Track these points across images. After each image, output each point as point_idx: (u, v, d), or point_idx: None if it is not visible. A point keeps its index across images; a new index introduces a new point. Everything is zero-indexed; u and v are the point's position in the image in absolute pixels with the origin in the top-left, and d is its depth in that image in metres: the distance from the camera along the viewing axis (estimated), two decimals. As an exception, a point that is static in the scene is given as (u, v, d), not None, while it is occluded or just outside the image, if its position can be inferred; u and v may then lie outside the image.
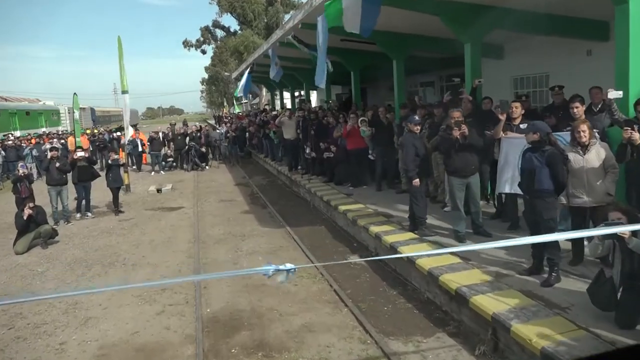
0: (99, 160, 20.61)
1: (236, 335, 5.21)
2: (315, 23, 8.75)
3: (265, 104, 33.78)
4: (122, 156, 14.78)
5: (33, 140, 21.30)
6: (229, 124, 23.54)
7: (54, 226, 9.86)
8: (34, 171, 17.74)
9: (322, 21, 8.42)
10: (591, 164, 4.91)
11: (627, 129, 4.86)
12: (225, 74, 46.74)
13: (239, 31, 48.81)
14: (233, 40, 46.33)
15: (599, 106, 6.37)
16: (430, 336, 4.87)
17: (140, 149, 19.36)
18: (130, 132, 16.77)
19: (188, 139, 19.49)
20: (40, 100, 38.56)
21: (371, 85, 19.56)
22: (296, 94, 25.47)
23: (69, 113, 32.38)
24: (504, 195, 6.84)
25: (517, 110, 6.46)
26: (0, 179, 18.07)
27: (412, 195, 6.92)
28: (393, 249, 6.57)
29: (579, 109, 5.60)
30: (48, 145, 15.43)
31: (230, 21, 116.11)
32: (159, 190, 14.43)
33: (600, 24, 8.85)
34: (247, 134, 22.24)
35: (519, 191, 5.40)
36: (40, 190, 11.51)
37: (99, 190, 12.55)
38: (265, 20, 46.21)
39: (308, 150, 12.49)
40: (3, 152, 19.04)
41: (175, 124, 20.78)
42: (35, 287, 7.11)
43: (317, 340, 4.97)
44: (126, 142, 16.27)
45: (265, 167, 18.39)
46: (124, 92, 15.58)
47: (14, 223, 9.02)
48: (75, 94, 15.35)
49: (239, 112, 36.56)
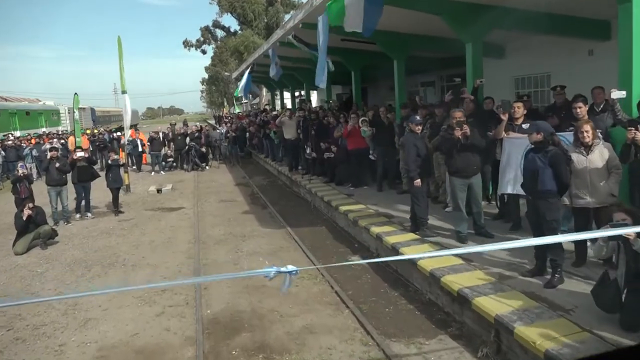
0: (98, 161, 20.59)
1: (237, 337, 5.18)
2: (315, 23, 8.73)
3: (266, 104, 33.75)
4: (122, 156, 14.74)
5: (33, 141, 21.27)
6: (229, 124, 23.50)
7: (54, 227, 9.82)
8: (34, 171, 17.70)
9: (323, 21, 8.39)
10: (594, 165, 4.87)
11: (631, 129, 4.83)
12: (226, 74, 46.72)
13: (239, 31, 48.80)
14: (233, 40, 46.32)
15: (601, 106, 6.35)
16: (433, 338, 4.84)
17: (140, 149, 19.34)
18: (129, 132, 16.69)
19: (188, 139, 19.45)
20: (40, 100, 38.51)
21: (371, 85, 19.51)
22: (296, 94, 25.42)
23: (69, 113, 32.34)
24: (506, 196, 6.80)
25: (520, 110, 6.43)
26: (0, 179, 18.03)
27: (414, 196, 6.88)
28: (394, 249, 6.53)
29: (582, 109, 5.56)
30: (48, 146, 15.39)
31: (231, 21, 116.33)
32: (159, 191, 14.39)
33: (601, 24, 8.81)
34: (248, 134, 22.20)
35: (521, 192, 5.36)
36: (40, 190, 11.47)
37: (99, 191, 12.50)
38: (266, 20, 46.21)
39: (309, 151, 12.45)
40: (3, 152, 19.00)
41: (175, 124, 20.74)
42: (35, 288, 7.07)
43: (319, 342, 4.93)
44: (126, 142, 16.23)
45: (266, 167, 18.36)
46: (124, 92, 15.53)
47: (14, 223, 8.99)
48: (76, 94, 15.33)
49: (238, 112, 36.53)
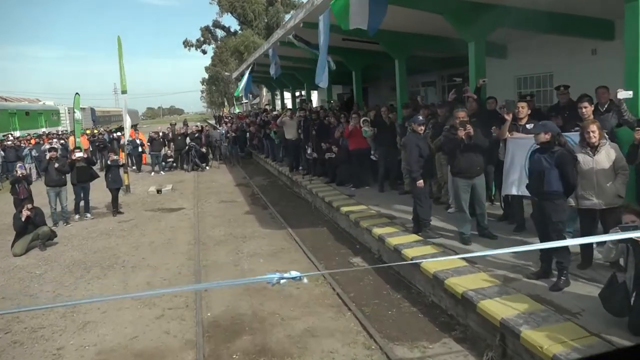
0: (98, 161, 20.52)
1: (237, 340, 5.10)
2: (316, 22, 8.65)
3: (266, 104, 33.70)
4: (122, 157, 14.66)
5: (32, 141, 21.18)
6: (229, 124, 23.43)
7: (53, 227, 9.74)
8: (33, 172, 17.62)
9: (324, 20, 8.31)
10: (601, 165, 4.79)
11: (639, 130, 4.75)
12: (226, 74, 46.64)
13: (240, 31, 48.72)
14: (233, 40, 46.24)
15: (606, 106, 6.28)
16: (437, 341, 4.76)
17: (140, 149, 19.26)
18: (129, 133, 16.62)
19: (188, 139, 19.38)
20: (40, 101, 38.43)
21: (372, 85, 19.43)
22: (297, 93, 25.34)
23: (69, 113, 32.25)
24: (510, 197, 6.72)
25: (524, 110, 6.35)
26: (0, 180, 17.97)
27: (416, 197, 6.80)
28: (397, 251, 6.46)
29: (587, 109, 5.48)
30: (47, 146, 15.31)
31: (231, 21, 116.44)
32: (159, 191, 14.31)
33: (605, 23, 8.74)
34: (248, 134, 22.12)
35: (526, 193, 5.29)
36: (39, 191, 11.41)
37: (99, 191, 12.43)
38: (266, 20, 46.14)
39: (309, 151, 12.37)
40: (2, 153, 18.92)
41: (175, 124, 20.67)
42: (33, 290, 6.99)
43: (321, 345, 4.85)
44: (126, 143, 16.15)
45: (266, 168, 18.28)
46: (124, 92, 15.45)
47: (12, 224, 8.92)
48: (77, 94, 15.16)
49: (239, 112, 36.46)
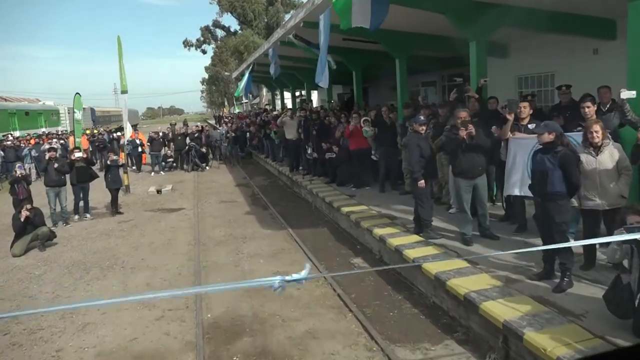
0: (98, 161, 20.46)
1: (238, 341, 5.06)
2: (317, 22, 8.61)
3: (266, 104, 33.66)
4: (122, 157, 14.61)
5: (32, 141, 21.14)
6: (229, 124, 23.38)
7: (52, 228, 9.71)
8: (33, 172, 17.59)
9: (324, 19, 8.28)
10: (604, 166, 4.75)
11: (643, 130, 4.72)
12: (226, 73, 46.61)
13: (239, 31, 48.68)
14: (233, 40, 46.21)
15: (608, 106, 6.25)
16: (439, 343, 4.72)
17: (139, 149, 19.22)
18: (129, 133, 16.58)
19: (188, 139, 19.34)
20: (39, 100, 38.37)
21: (372, 85, 19.40)
22: (297, 93, 25.30)
23: (68, 113, 32.16)
24: (511, 197, 6.68)
25: (526, 110, 6.30)
26: (-1, 180, 17.94)
27: (417, 197, 6.76)
28: (398, 252, 6.42)
29: (590, 109, 5.44)
30: (47, 146, 15.26)
31: (231, 21, 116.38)
32: (158, 191, 14.27)
33: (607, 22, 8.70)
34: (248, 134, 22.08)
35: (529, 194, 5.24)
36: (39, 191, 11.37)
37: (99, 191, 12.38)
38: (266, 20, 46.10)
39: (310, 151, 12.33)
40: (2, 153, 18.88)
41: (175, 124, 20.63)
42: (32, 291, 6.95)
43: (322, 347, 4.81)
44: (125, 143, 16.10)
45: (266, 168, 18.24)
46: (124, 92, 15.41)
47: (11, 225, 8.88)
48: (77, 93, 15.06)
49: (238, 112, 36.41)
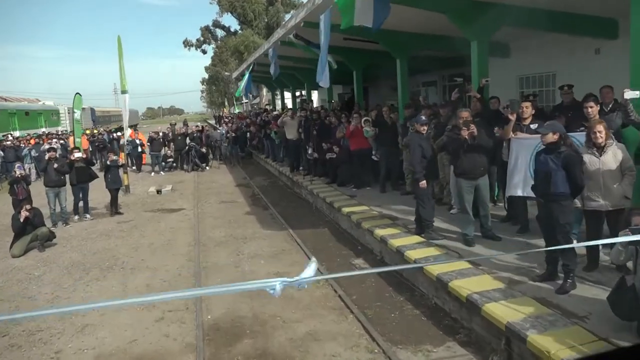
0: (98, 161, 20.43)
1: (238, 343, 5.02)
2: (317, 22, 8.57)
3: (266, 104, 33.62)
4: (122, 157, 14.57)
5: (32, 141, 21.10)
6: (229, 124, 23.34)
7: (52, 228, 9.68)
8: (33, 172, 17.55)
9: (325, 19, 8.24)
10: (608, 166, 4.71)
11: (646, 130, 4.68)
12: (226, 73, 46.57)
13: (239, 31, 48.64)
14: (233, 40, 46.15)
15: (610, 106, 6.21)
16: (440, 345, 4.68)
17: (139, 149, 19.18)
18: (128, 133, 16.52)
19: (188, 139, 19.30)
20: (40, 100, 38.33)
21: (372, 85, 19.35)
22: (297, 93, 25.26)
23: (68, 113, 32.11)
24: (513, 198, 6.63)
25: (528, 110, 6.26)
26: (-1, 180, 17.89)
27: (419, 198, 6.72)
28: (399, 252, 6.38)
29: (593, 109, 5.40)
30: (47, 146, 15.21)
31: (231, 21, 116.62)
32: (158, 192, 14.23)
33: (609, 22, 8.67)
34: (248, 134, 22.05)
35: (532, 194, 5.20)
36: (38, 191, 11.34)
37: (98, 192, 12.34)
38: (266, 20, 46.05)
39: (310, 151, 12.29)
40: (2, 153, 18.85)
41: (175, 124, 20.59)
42: (32, 292, 6.92)
43: (323, 349, 4.78)
44: (125, 143, 16.06)
45: (266, 168, 18.20)
46: (124, 92, 15.35)
47: (11, 225, 8.85)
48: (78, 93, 14.97)
49: (239, 112, 36.37)
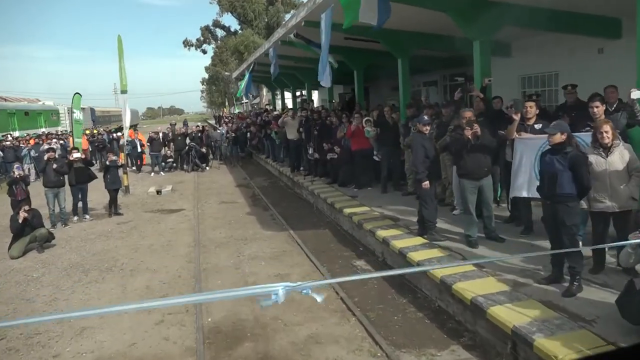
0: (97, 161, 20.35)
1: (239, 347, 4.95)
2: (318, 21, 8.51)
3: (266, 104, 33.54)
4: (122, 157, 14.49)
5: (32, 141, 21.02)
6: (229, 124, 23.26)
7: (51, 229, 9.62)
8: (32, 172, 17.48)
9: (326, 18, 8.18)
10: (614, 167, 4.64)
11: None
12: (226, 73, 46.51)
13: (240, 31, 48.59)
14: (233, 40, 46.11)
15: (615, 106, 6.14)
16: (445, 349, 4.61)
17: (139, 149, 19.11)
18: (128, 133, 16.44)
19: (188, 139, 19.22)
20: (39, 100, 38.26)
21: (373, 85, 19.28)
22: (297, 93, 25.17)
23: (68, 113, 32.01)
24: (517, 198, 6.55)
25: (532, 110, 6.19)
26: (-2, 181, 17.80)
27: (421, 199, 6.66)
28: (402, 254, 6.31)
29: (599, 109, 5.33)
30: (46, 146, 15.14)
31: (231, 21, 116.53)
32: (158, 192, 14.15)
33: (612, 21, 8.60)
34: (249, 134, 21.98)
35: (537, 195, 5.13)
36: (38, 192, 11.26)
37: (98, 192, 12.26)
38: (266, 20, 46.01)
39: (311, 151, 12.21)
40: (1, 153, 18.78)
41: (175, 124, 20.50)
42: (30, 294, 6.85)
43: (325, 352, 4.71)
44: (125, 143, 15.98)
45: (267, 168, 18.13)
46: (123, 92, 15.27)
47: (9, 226, 8.78)
48: (77, 93, 14.85)
49: (238, 112, 36.30)
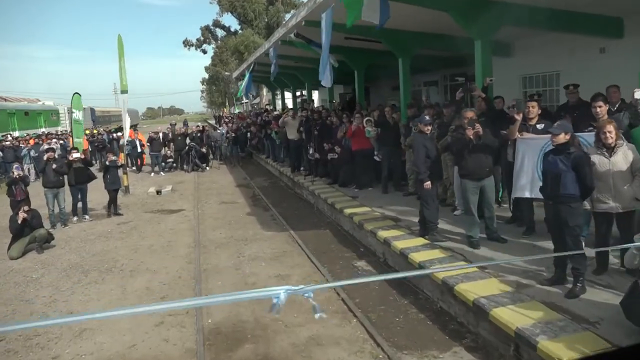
0: (97, 162, 20.31)
1: (239, 349, 4.92)
2: (319, 20, 8.47)
3: (266, 104, 33.51)
4: (122, 158, 14.45)
5: (31, 141, 20.97)
6: (229, 124, 23.22)
7: (51, 229, 9.58)
8: (32, 172, 17.44)
9: (326, 18, 8.14)
10: (618, 167, 4.60)
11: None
12: (226, 73, 46.48)
13: (240, 31, 48.55)
14: (233, 40, 46.07)
15: (617, 106, 6.11)
16: (447, 351, 4.57)
17: (139, 149, 19.07)
18: (128, 133, 16.40)
19: (188, 139, 19.18)
20: (39, 100, 38.22)
21: (373, 85, 19.25)
22: (297, 93, 25.13)
23: (68, 113, 31.96)
24: (518, 199, 6.51)
25: (534, 110, 6.15)
26: (-2, 181, 17.76)
27: (423, 199, 6.62)
28: (403, 255, 6.27)
29: (602, 109, 5.29)
30: (46, 146, 15.10)
31: (231, 21, 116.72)
32: (158, 192, 14.11)
33: (614, 20, 8.57)
34: (249, 134, 21.95)
35: (539, 196, 5.09)
36: (37, 192, 11.23)
37: (98, 192, 12.22)
38: (266, 20, 45.97)
39: (311, 151, 12.17)
40: (0, 153, 18.74)
41: (175, 124, 20.46)
42: (29, 295, 6.81)
43: (326, 354, 4.67)
44: (125, 143, 15.95)
45: (267, 168, 18.09)
46: (123, 92, 15.22)
47: (9, 227, 8.75)
48: (76, 93, 14.76)
49: (239, 112, 36.26)
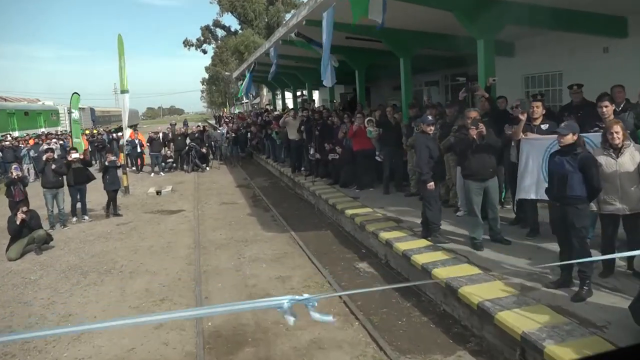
0: (97, 162, 20.24)
1: (240, 352, 4.84)
2: (320, 20, 8.41)
3: (267, 104, 33.45)
4: (122, 158, 14.38)
5: (31, 141, 20.89)
6: (230, 124, 23.16)
7: (50, 230, 9.51)
8: (31, 172, 17.37)
9: (327, 17, 8.08)
10: (625, 168, 4.52)
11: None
12: (226, 73, 46.41)
13: (240, 31, 48.49)
14: (234, 40, 46.01)
15: (622, 106, 6.05)
16: (451, 354, 4.50)
17: (139, 149, 19.00)
18: (127, 133, 16.33)
19: (188, 139, 19.12)
20: (39, 100, 38.15)
21: (374, 85, 19.19)
22: (298, 93, 25.05)
23: (68, 113, 31.91)
24: (522, 200, 6.44)
25: (538, 110, 6.08)
26: (-3, 181, 17.69)
27: (425, 200, 6.55)
28: (405, 257, 6.20)
29: (608, 109, 5.21)
30: (45, 146, 15.04)
31: (231, 20, 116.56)
32: (158, 193, 14.04)
33: (617, 20, 8.50)
34: (249, 134, 21.88)
35: (545, 197, 5.01)
36: (37, 192, 11.15)
37: (98, 193, 12.15)
38: (266, 20, 45.91)
39: (312, 152, 12.10)
40: (0, 153, 18.67)
41: (175, 124, 20.39)
42: (28, 297, 6.74)
43: (328, 358, 4.60)
44: (125, 143, 15.87)
45: (267, 169, 18.02)
46: (124, 92, 15.15)
47: (7, 228, 8.67)
48: (75, 93, 14.65)
49: (239, 112, 36.20)
